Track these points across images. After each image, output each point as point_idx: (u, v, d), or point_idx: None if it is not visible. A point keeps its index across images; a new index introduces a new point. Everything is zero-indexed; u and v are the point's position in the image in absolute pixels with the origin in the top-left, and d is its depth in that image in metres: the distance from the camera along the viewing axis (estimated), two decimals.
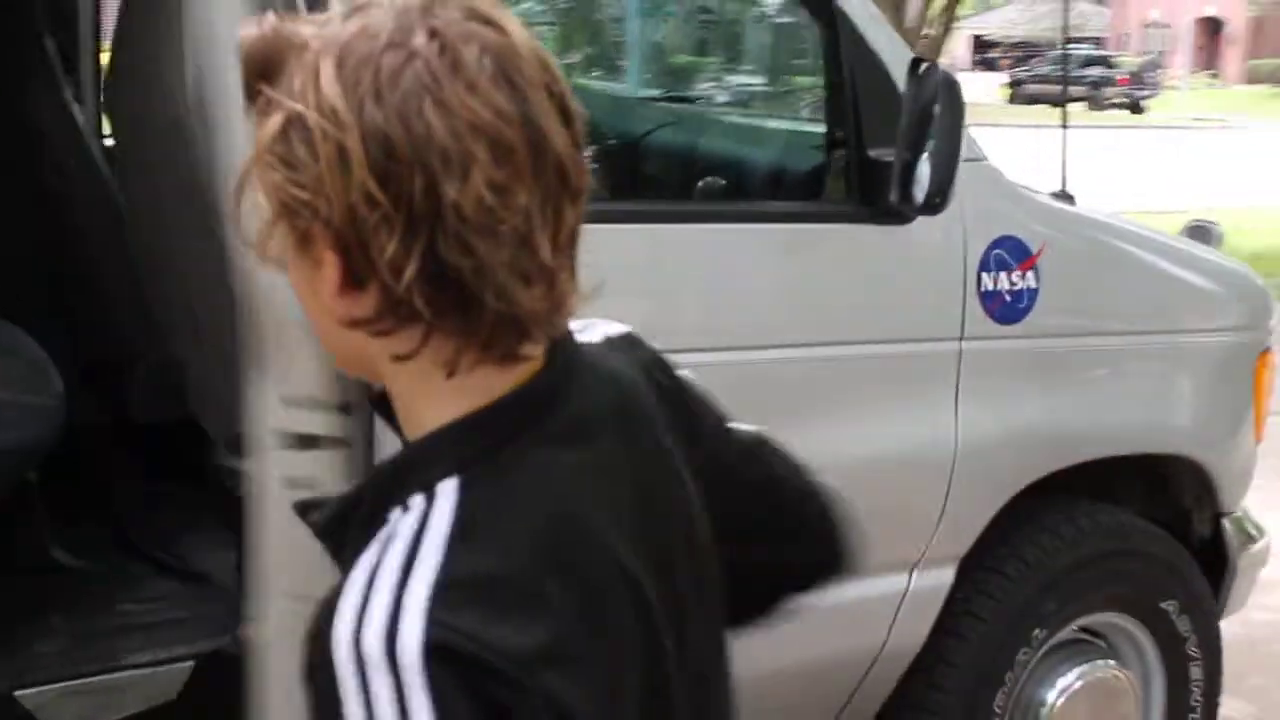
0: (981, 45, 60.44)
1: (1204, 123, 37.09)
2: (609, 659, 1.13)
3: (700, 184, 3.19)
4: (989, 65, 55.98)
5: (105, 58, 3.64)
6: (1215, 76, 55.95)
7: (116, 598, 3.14)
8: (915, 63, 2.86)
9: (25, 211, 3.72)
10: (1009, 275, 3.14)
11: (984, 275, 3.10)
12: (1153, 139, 29.15)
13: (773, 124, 3.60)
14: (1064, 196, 3.50)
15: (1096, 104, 39.24)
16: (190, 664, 2.79)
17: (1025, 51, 51.73)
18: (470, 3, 1.13)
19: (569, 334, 1.23)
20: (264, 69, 1.12)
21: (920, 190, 2.74)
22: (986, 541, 3.22)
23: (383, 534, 1.10)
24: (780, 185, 3.25)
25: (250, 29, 1.14)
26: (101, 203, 3.68)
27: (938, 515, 3.11)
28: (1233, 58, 57.82)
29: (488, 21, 1.11)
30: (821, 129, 3.05)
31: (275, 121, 1.09)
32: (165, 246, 2.88)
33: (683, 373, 1.38)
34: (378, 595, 1.05)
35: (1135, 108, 40.92)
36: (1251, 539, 3.78)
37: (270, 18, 1.15)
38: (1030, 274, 3.17)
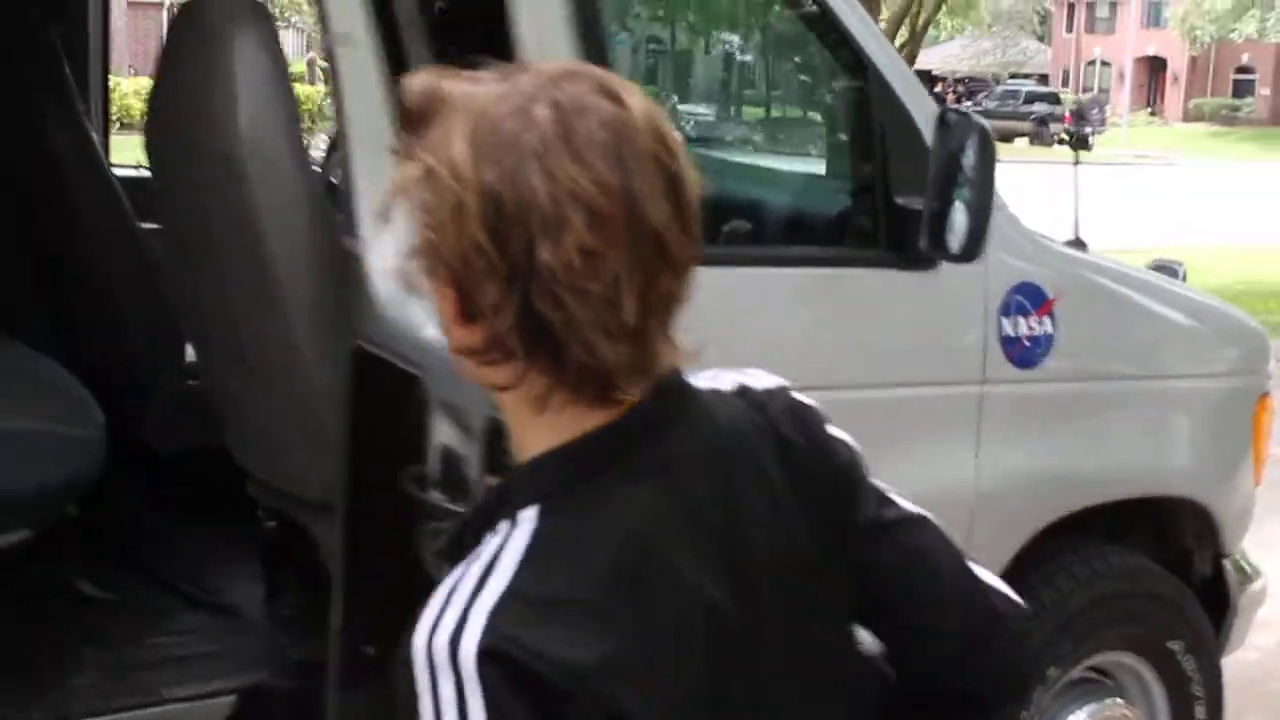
0: (924, 80, 60.97)
1: (1145, 159, 37.63)
2: (671, 677, 1.23)
3: (725, 227, 3.24)
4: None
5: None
6: (1154, 114, 56.76)
7: (146, 630, 3.16)
8: (943, 114, 2.94)
9: (41, 237, 3.73)
10: (1027, 320, 3.22)
11: (1004, 320, 3.18)
12: (1097, 175, 29.53)
13: (797, 169, 3.67)
14: (1077, 244, 3.58)
15: (1042, 140, 39.70)
16: (232, 698, 2.80)
17: (969, 87, 52.32)
18: (601, 76, 1.25)
19: (677, 380, 1.32)
20: (417, 119, 1.25)
21: (955, 238, 2.81)
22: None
23: (471, 555, 1.24)
24: (804, 230, 3.32)
25: (412, 81, 1.27)
26: (118, 230, 3.70)
27: None
28: (1173, 96, 58.68)
29: (610, 95, 1.23)
30: (848, 175, 3.12)
31: (416, 168, 1.23)
32: (209, 276, 2.90)
33: (838, 437, 1.43)
34: (451, 607, 1.18)
35: (1083, 143, 41.38)
36: (1249, 579, 3.87)
37: (431, 73, 1.28)
38: (1047, 319, 3.25)
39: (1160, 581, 3.58)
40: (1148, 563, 3.59)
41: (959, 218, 2.81)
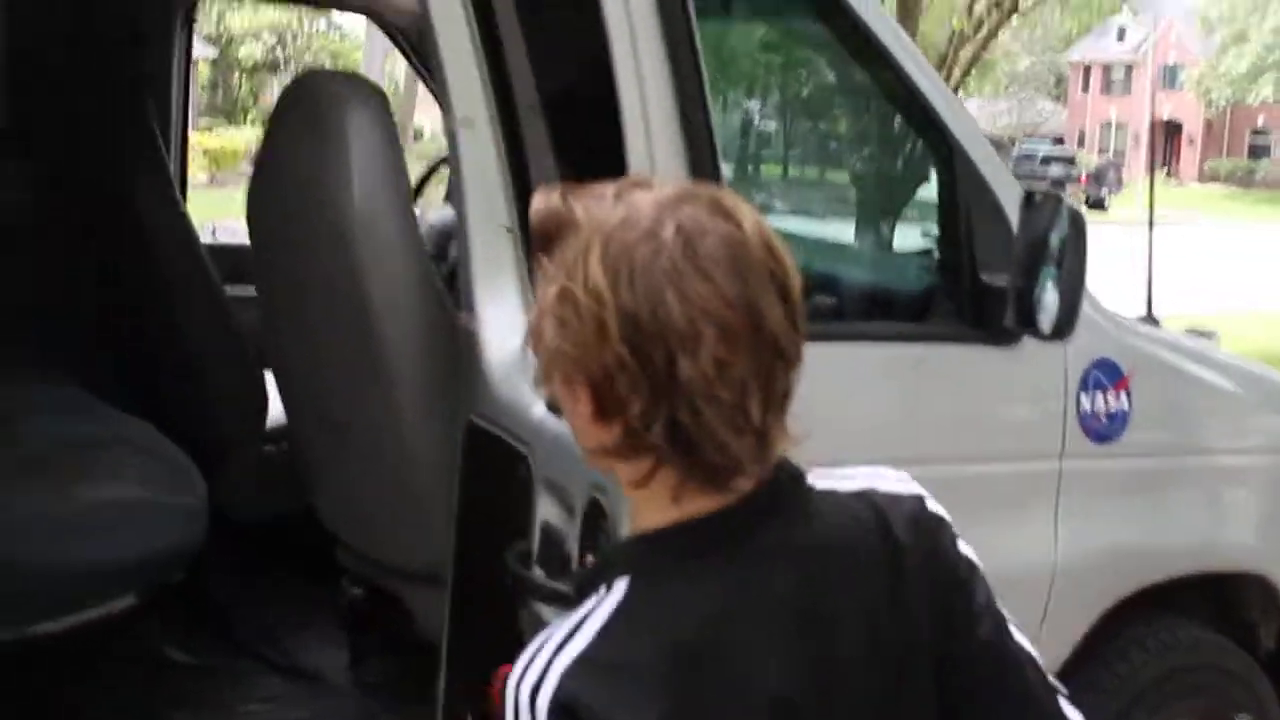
0: None
1: (1164, 219, 37.65)
2: None
3: (814, 303, 3.31)
4: None
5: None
6: (1170, 175, 56.94)
7: (231, 697, 3.21)
8: (1029, 194, 3.01)
9: (127, 302, 3.81)
10: (1104, 396, 3.27)
11: (1083, 396, 3.23)
12: (1116, 234, 29.56)
13: (884, 246, 3.74)
14: (1150, 320, 3.64)
15: None
16: None
17: None
18: (715, 196, 1.37)
19: (791, 472, 1.43)
20: (546, 239, 1.38)
21: (1046, 316, 2.87)
22: (1077, 656, 3.33)
23: (567, 614, 1.37)
24: (888, 305, 3.37)
25: (538, 202, 1.40)
26: (203, 296, 3.77)
27: (1036, 630, 3.21)
28: (1189, 158, 58.89)
29: (725, 215, 1.35)
30: (934, 252, 3.18)
31: (554, 290, 1.34)
32: (310, 345, 2.97)
33: (964, 555, 1.52)
34: (538, 659, 1.33)
35: (1098, 204, 41.58)
36: None
37: (554, 193, 1.39)
38: (1123, 395, 3.30)
39: (1227, 655, 3.62)
40: (1215, 636, 3.62)
41: (1049, 296, 2.86)
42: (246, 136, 29.69)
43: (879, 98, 3.35)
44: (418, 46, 4.54)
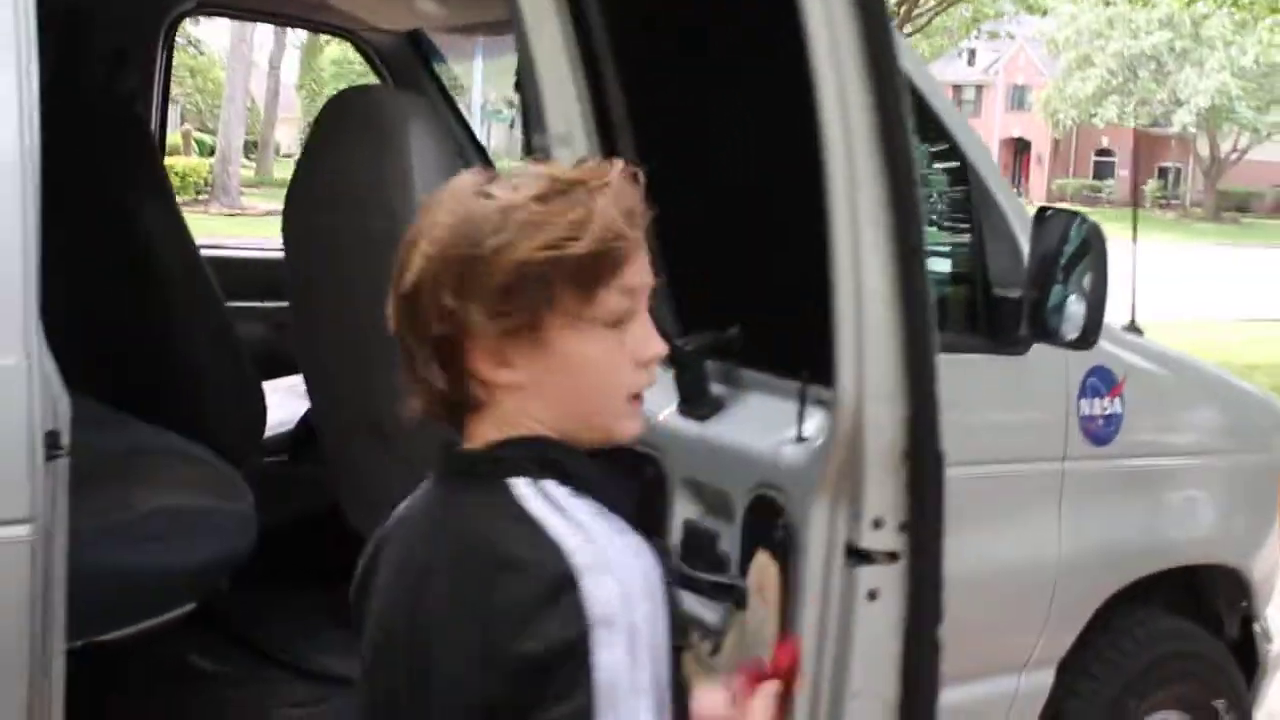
0: None
1: None
2: None
3: None
4: None
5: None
6: (1020, 193, 58.27)
7: (267, 703, 3.24)
8: (1041, 210, 3.18)
9: (134, 321, 3.81)
10: (1101, 401, 3.45)
11: (1082, 401, 3.41)
12: None
13: None
14: (1134, 329, 3.83)
15: None
16: None
17: None
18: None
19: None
20: None
21: (1070, 326, 3.03)
22: (1074, 646, 3.50)
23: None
24: None
25: None
26: (203, 307, 3.79)
27: (1043, 621, 3.39)
28: (1038, 176, 60.39)
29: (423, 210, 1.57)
30: (949, 265, 3.33)
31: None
32: (360, 353, 3.02)
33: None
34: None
35: None
36: (1269, 641, 4.13)
37: None
38: (1117, 400, 3.49)
39: (1205, 643, 3.83)
40: (1194, 626, 3.83)
41: (1074, 307, 3.03)
42: None
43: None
44: (393, 64, 4.61)
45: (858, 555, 2.21)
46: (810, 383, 2.17)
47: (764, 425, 2.21)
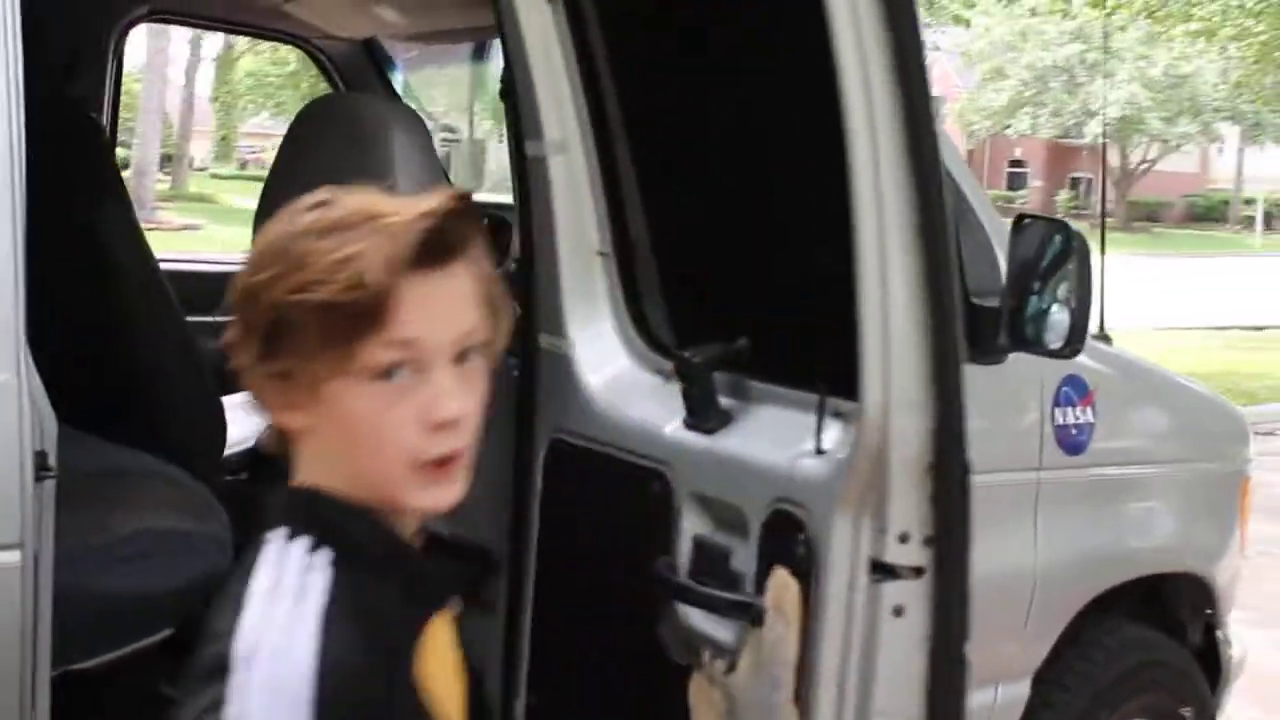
0: None
1: None
2: None
3: None
4: None
5: None
6: None
7: None
8: (1019, 218, 3.18)
9: (93, 335, 3.72)
10: (1074, 410, 3.46)
11: (1056, 410, 3.42)
12: None
13: None
14: (1103, 338, 3.84)
15: None
16: None
17: None
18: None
19: None
20: None
21: (1054, 334, 3.03)
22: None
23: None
24: None
25: None
26: (166, 326, 3.71)
27: (1021, 631, 3.38)
28: None
29: None
30: None
31: None
32: None
33: None
34: None
35: None
36: (1230, 647, 4.15)
37: None
38: (1089, 409, 3.49)
39: (1172, 652, 3.84)
40: (1159, 634, 3.85)
41: (1058, 315, 3.03)
42: None
43: None
44: (347, 73, 4.55)
45: (883, 570, 2.19)
46: (829, 394, 2.14)
47: (776, 438, 2.18)
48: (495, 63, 5.75)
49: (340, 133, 2.84)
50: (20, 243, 2.09)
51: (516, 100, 2.47)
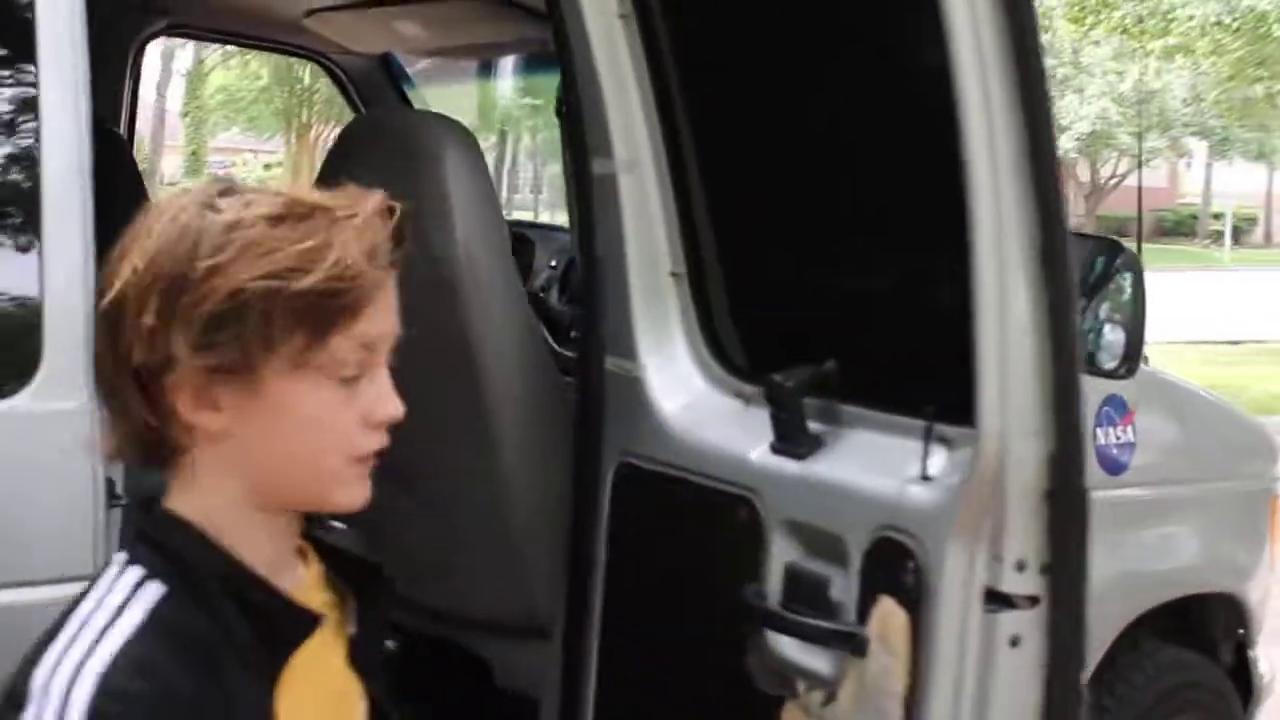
0: None
1: None
2: None
3: None
4: None
5: None
6: None
7: None
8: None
9: None
10: (1115, 430, 3.43)
11: (1099, 430, 3.39)
12: None
13: None
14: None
15: None
16: None
17: None
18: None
19: None
20: None
21: (1109, 355, 3.00)
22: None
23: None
24: None
25: None
26: None
27: None
28: None
29: None
30: None
31: None
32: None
33: None
34: None
35: None
36: (1261, 667, 4.13)
37: None
38: (1129, 429, 3.47)
39: (1207, 672, 3.82)
40: (1195, 655, 3.82)
41: (1110, 335, 3.00)
42: None
43: None
44: (364, 88, 4.51)
45: (998, 600, 2.14)
46: (936, 420, 2.10)
47: (871, 463, 2.14)
48: (505, 78, 5.74)
49: (391, 149, 2.78)
50: (91, 270, 2.04)
51: (581, 118, 2.42)
